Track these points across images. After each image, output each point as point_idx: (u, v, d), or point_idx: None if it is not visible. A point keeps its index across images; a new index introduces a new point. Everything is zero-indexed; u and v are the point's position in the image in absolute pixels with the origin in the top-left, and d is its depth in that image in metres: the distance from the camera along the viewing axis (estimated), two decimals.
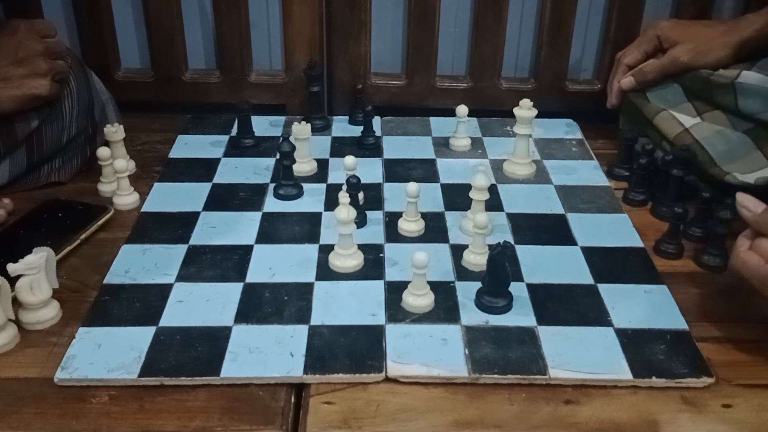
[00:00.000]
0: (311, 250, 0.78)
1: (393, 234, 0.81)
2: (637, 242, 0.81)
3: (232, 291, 0.72)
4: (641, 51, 0.96)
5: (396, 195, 0.87)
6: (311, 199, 0.88)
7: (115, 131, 0.91)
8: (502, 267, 0.68)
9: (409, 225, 0.81)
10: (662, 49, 0.95)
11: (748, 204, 0.64)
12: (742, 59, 0.90)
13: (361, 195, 0.83)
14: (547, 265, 0.77)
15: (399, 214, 0.82)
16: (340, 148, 1.00)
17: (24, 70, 0.83)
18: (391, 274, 0.75)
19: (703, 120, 0.90)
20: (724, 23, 0.96)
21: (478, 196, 0.79)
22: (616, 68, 0.99)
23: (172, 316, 0.68)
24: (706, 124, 0.89)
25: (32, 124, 0.85)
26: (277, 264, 0.76)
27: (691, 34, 0.94)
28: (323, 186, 0.91)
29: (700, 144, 0.86)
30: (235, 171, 0.94)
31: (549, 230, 0.83)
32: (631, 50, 0.98)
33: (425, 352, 0.64)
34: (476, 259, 0.75)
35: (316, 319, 0.68)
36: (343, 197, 0.73)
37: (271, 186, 0.90)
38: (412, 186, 0.79)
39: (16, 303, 0.67)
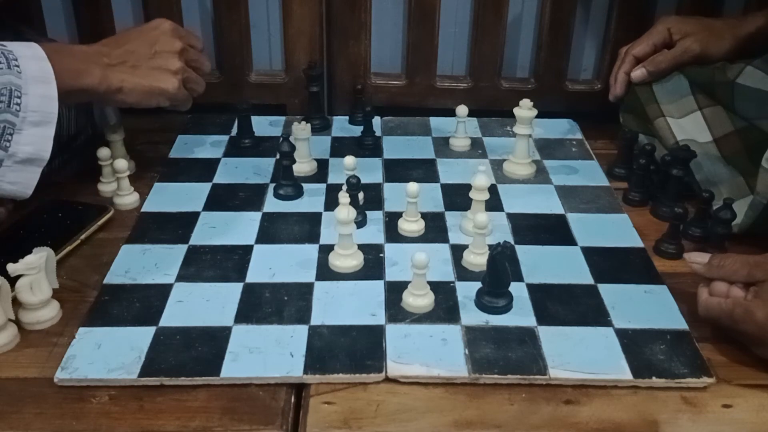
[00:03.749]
0: (311, 250, 0.78)
1: (393, 234, 0.81)
2: (637, 242, 0.81)
3: (232, 291, 0.72)
4: (650, 43, 0.96)
5: (396, 195, 0.87)
6: (311, 199, 0.88)
7: (115, 131, 0.91)
8: (502, 267, 0.68)
9: (409, 225, 0.81)
10: (671, 43, 0.96)
11: (696, 258, 0.70)
12: (748, 53, 0.91)
13: (361, 195, 0.83)
14: (547, 265, 0.77)
15: (399, 214, 0.82)
16: (340, 148, 1.00)
17: (155, 62, 0.81)
18: (391, 274, 0.75)
19: (703, 114, 0.91)
20: (732, 18, 0.98)
21: (478, 196, 0.79)
22: (622, 60, 0.99)
23: (172, 316, 0.68)
24: (696, 143, 0.89)
25: None
26: (277, 264, 0.76)
27: (701, 27, 0.95)
28: (323, 186, 0.91)
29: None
30: (235, 171, 0.94)
31: (549, 230, 0.83)
32: (640, 42, 0.97)
33: (425, 352, 0.64)
34: (476, 259, 0.75)
35: (316, 319, 0.68)
36: (343, 197, 0.73)
37: (271, 186, 0.90)
38: (412, 186, 0.79)
39: (16, 303, 0.67)
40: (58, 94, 0.69)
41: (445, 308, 0.70)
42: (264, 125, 1.05)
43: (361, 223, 0.82)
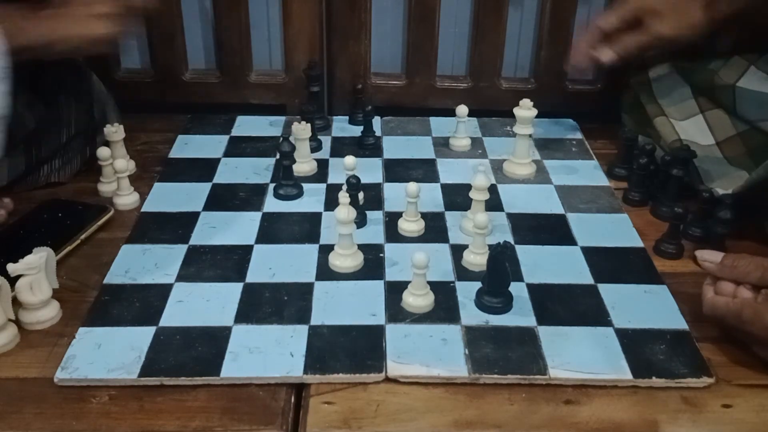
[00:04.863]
0: (311, 250, 0.78)
1: (393, 234, 0.81)
2: (637, 242, 0.81)
3: (232, 291, 0.72)
4: (618, 18, 0.91)
5: (396, 195, 0.87)
6: (311, 199, 0.88)
7: (115, 131, 0.91)
8: (502, 267, 0.68)
9: (409, 225, 0.81)
10: (642, 20, 0.90)
11: (708, 257, 0.69)
12: (718, 24, 0.87)
13: (361, 195, 0.83)
14: (547, 265, 0.77)
15: (399, 214, 0.82)
16: (340, 148, 1.00)
17: (80, 9, 0.76)
18: (391, 274, 0.75)
19: (705, 117, 0.91)
20: None
21: (478, 196, 0.79)
22: (588, 30, 0.93)
23: (172, 316, 0.68)
24: (698, 145, 0.89)
25: (30, 125, 0.85)
26: (277, 264, 0.76)
27: (671, 6, 0.89)
28: (323, 186, 0.91)
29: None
30: (235, 171, 0.94)
31: (549, 230, 0.83)
32: (609, 15, 0.92)
33: (425, 352, 0.64)
34: (476, 259, 0.75)
35: (316, 319, 0.68)
36: (343, 197, 0.73)
37: (271, 186, 0.90)
38: (412, 186, 0.79)
39: (16, 303, 0.67)
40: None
41: (445, 308, 0.70)
42: (264, 125, 1.05)
43: (361, 223, 0.82)
